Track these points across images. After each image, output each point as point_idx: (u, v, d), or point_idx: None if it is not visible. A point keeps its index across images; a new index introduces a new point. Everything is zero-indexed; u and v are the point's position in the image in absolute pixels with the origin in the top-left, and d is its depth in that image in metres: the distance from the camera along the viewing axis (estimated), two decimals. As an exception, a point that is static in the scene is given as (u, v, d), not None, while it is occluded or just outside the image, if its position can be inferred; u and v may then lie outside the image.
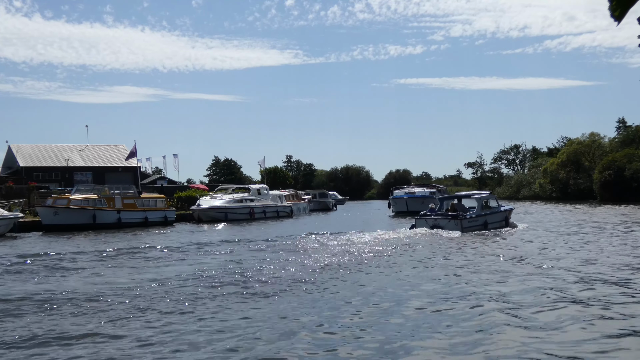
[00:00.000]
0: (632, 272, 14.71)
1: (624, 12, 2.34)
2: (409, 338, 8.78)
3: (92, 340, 8.80)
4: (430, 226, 27.69)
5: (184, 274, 15.36)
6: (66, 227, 33.98)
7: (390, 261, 17.86)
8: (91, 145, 74.60)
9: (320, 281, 13.97)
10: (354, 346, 8.41)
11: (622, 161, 69.51)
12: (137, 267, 17.33)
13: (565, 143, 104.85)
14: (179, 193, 50.10)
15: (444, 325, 9.49)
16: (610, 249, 20.07)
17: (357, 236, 26.20)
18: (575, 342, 8.49)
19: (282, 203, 52.23)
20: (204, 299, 11.89)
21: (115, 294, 12.44)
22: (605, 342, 8.49)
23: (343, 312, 10.54)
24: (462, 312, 10.42)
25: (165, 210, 40.84)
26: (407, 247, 21.52)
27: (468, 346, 8.31)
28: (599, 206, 56.82)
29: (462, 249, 20.63)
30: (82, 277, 15.28)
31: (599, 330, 9.12)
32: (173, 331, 9.27)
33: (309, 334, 9.02)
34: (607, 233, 26.32)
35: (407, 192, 51.91)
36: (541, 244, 22.14)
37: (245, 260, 18.16)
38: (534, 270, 15.16)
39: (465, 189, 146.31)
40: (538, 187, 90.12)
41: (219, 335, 8.97)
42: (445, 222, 27.49)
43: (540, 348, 8.19)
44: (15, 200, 37.79)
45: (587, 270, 15.16)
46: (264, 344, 8.49)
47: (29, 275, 15.67)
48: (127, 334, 9.10)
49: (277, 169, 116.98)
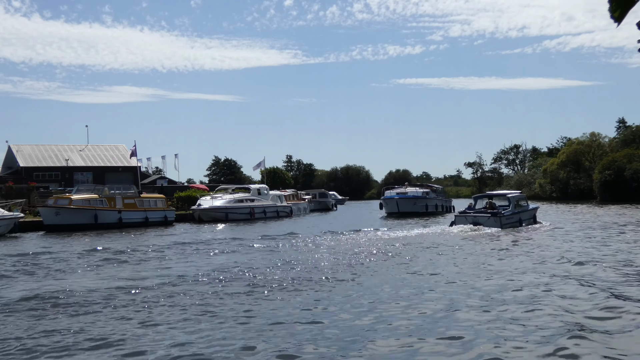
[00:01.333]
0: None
1: (623, 12, 2.36)
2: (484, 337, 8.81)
3: (106, 341, 8.83)
4: (470, 223, 29.24)
5: (204, 270, 15.46)
6: (68, 227, 34.00)
7: (473, 253, 18.85)
8: (91, 145, 74.61)
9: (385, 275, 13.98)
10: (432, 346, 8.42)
11: (622, 161, 69.49)
12: (161, 264, 17.38)
13: (565, 143, 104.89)
14: (179, 193, 50.10)
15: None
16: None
17: (396, 233, 27.98)
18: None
19: (282, 203, 52.25)
20: (234, 294, 11.92)
21: (124, 293, 12.47)
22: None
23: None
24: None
25: (165, 210, 40.85)
26: (471, 242, 23.20)
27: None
28: (602, 206, 56.83)
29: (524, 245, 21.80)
30: (109, 275, 15.31)
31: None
32: (199, 329, 9.30)
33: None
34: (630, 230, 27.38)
35: (399, 193, 49.84)
36: (584, 241, 23.01)
37: (275, 258, 18.20)
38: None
39: (465, 189, 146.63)
40: (538, 187, 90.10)
41: (246, 334, 9.00)
42: (485, 219, 29.04)
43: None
44: (15, 201, 37.81)
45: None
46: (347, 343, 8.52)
47: (65, 273, 15.69)
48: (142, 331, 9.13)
49: (277, 169, 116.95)
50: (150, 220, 38.76)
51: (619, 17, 2.37)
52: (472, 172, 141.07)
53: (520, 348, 8.07)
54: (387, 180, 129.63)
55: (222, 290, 12.79)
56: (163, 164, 75.83)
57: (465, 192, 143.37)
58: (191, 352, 8.12)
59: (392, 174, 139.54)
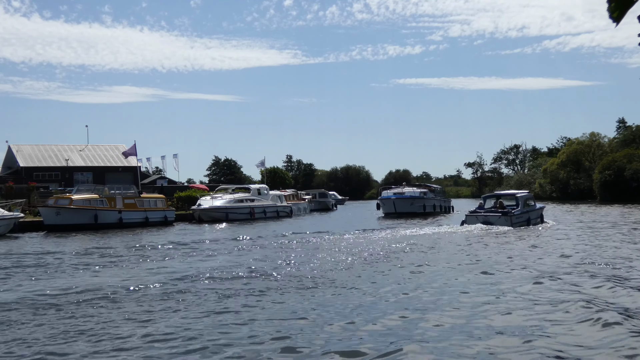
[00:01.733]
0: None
1: (622, 13, 2.37)
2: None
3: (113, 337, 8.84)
4: (481, 222, 30.00)
5: (215, 268, 15.50)
6: (68, 227, 34.02)
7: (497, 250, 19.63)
8: (91, 145, 74.60)
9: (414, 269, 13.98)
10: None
11: (622, 161, 69.52)
12: (175, 261, 17.39)
13: (565, 143, 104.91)
14: (179, 193, 50.11)
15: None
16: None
17: (411, 231, 28.97)
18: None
19: (282, 203, 52.26)
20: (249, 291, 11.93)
21: (130, 292, 12.48)
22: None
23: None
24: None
25: (165, 210, 40.90)
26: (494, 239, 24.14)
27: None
28: (602, 206, 56.84)
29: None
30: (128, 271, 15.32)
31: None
32: (215, 325, 9.30)
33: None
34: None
35: (396, 193, 48.60)
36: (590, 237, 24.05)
37: (287, 255, 18.21)
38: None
39: (465, 189, 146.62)
40: (538, 187, 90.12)
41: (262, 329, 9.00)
42: (496, 218, 29.89)
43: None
44: (15, 201, 37.82)
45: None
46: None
47: (80, 270, 15.71)
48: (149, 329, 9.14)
49: (277, 169, 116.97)
50: (151, 220, 38.79)
51: (617, 17, 2.38)
52: (472, 172, 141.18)
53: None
54: (387, 180, 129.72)
55: (222, 291, 12.80)
56: (163, 164, 75.94)
57: (465, 192, 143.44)
58: (191, 352, 8.13)
59: (392, 174, 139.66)
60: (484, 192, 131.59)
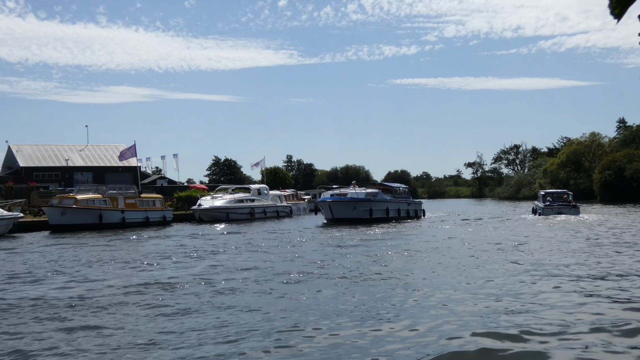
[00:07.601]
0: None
1: (623, 9, 2.36)
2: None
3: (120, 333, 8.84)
4: (556, 213, 39.93)
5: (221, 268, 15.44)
6: (73, 227, 33.97)
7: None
8: (91, 145, 74.64)
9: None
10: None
11: (622, 161, 69.55)
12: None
13: (565, 143, 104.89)
14: (179, 193, 50.07)
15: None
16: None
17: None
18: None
19: (282, 203, 52.27)
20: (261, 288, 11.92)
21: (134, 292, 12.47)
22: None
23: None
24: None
25: (163, 210, 40.99)
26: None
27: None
28: (603, 206, 56.84)
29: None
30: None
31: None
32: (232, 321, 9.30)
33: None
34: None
35: (334, 194, 39.71)
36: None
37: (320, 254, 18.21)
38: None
39: (465, 189, 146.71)
40: (538, 187, 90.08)
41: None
42: (568, 209, 40.41)
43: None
44: (15, 200, 37.81)
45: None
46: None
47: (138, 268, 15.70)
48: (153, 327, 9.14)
49: (278, 169, 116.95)
50: (151, 220, 38.91)
51: (619, 14, 2.38)
52: (472, 172, 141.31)
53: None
54: (387, 180, 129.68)
55: (223, 290, 12.79)
56: (163, 164, 75.93)
57: (466, 192, 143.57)
58: (192, 351, 8.12)
59: (392, 174, 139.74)
60: (484, 192, 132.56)
